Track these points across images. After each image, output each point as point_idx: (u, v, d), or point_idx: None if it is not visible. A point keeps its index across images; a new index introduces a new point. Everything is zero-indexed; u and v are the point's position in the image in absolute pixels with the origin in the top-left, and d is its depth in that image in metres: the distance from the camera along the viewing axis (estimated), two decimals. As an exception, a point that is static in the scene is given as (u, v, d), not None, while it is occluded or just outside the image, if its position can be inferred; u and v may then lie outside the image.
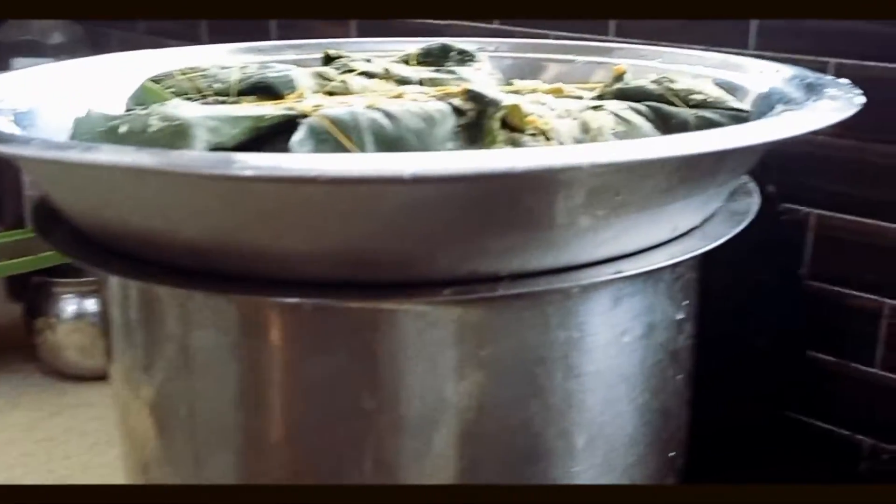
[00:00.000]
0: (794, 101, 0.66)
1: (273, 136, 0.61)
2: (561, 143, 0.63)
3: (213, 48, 0.90)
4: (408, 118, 0.61)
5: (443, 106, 0.62)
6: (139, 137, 0.58)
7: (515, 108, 0.62)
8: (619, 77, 0.74)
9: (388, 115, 0.61)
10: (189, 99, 0.73)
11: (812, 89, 0.66)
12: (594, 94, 0.74)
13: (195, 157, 0.49)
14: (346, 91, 0.75)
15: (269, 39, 1.40)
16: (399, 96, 0.67)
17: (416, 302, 0.55)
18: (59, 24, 1.59)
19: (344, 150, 0.59)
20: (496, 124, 0.63)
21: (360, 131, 0.60)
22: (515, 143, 0.63)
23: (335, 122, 0.60)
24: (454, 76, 0.79)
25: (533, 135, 0.63)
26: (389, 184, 0.48)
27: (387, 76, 0.79)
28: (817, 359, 0.99)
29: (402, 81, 0.78)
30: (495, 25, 1.15)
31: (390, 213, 0.50)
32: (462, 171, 0.46)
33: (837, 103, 0.60)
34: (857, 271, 0.95)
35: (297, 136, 0.59)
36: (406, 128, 0.61)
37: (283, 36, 1.38)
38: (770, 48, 0.96)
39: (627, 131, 0.65)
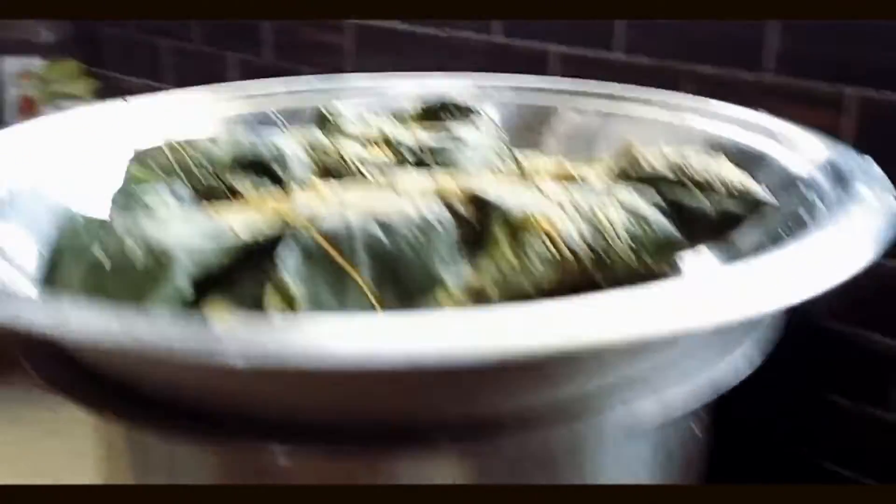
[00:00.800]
0: (822, 193, 0.62)
1: (262, 250, 0.58)
2: (570, 248, 0.59)
3: (200, 94, 0.86)
4: (405, 229, 0.57)
5: (443, 213, 0.58)
6: (124, 277, 0.54)
7: (525, 219, 0.58)
8: (627, 152, 0.69)
9: (383, 226, 0.57)
10: (176, 177, 0.68)
11: (841, 181, 0.62)
12: (602, 172, 0.69)
13: (175, 336, 0.44)
14: (340, 164, 0.71)
15: (260, 41, 1.35)
16: (397, 193, 0.63)
17: (412, 452, 0.52)
18: (50, 23, 1.54)
19: (338, 270, 0.56)
20: (501, 231, 0.59)
21: (354, 247, 0.56)
22: (521, 246, 0.59)
23: (329, 237, 0.57)
24: (455, 142, 0.74)
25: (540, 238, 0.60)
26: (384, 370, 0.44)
27: (382, 140, 0.75)
28: (834, 401, 0.96)
29: (398, 150, 0.74)
30: (498, 40, 1.10)
31: (386, 386, 0.47)
32: (460, 357, 0.42)
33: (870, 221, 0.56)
34: (877, 313, 0.92)
35: (290, 262, 0.55)
36: (404, 241, 0.57)
37: (276, 38, 1.33)
38: (787, 72, 0.91)
39: (641, 231, 0.61)
